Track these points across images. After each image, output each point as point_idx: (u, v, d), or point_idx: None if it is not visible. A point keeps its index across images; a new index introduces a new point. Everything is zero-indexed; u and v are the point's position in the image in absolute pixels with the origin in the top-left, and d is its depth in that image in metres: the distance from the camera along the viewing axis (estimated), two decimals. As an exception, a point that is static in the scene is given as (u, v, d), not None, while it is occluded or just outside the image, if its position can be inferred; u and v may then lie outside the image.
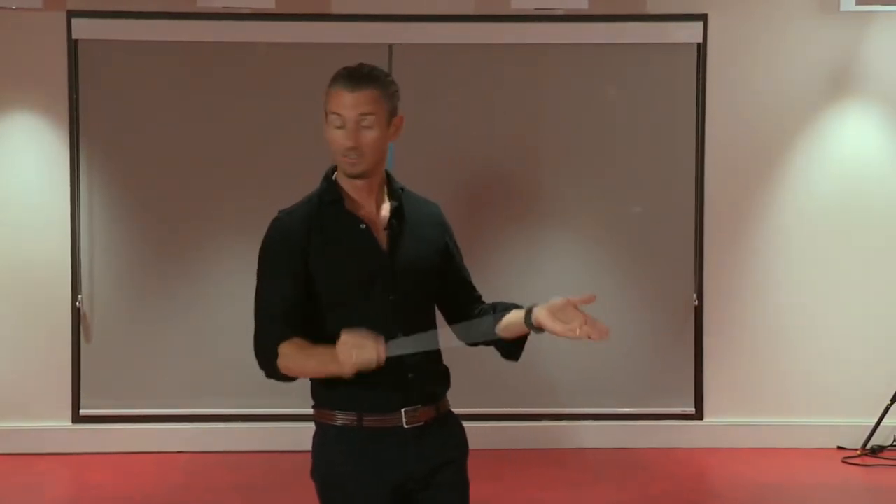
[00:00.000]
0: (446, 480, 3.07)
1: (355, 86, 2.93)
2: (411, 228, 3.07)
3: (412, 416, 3.01)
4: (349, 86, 2.93)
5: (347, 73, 2.96)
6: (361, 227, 3.02)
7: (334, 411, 3.02)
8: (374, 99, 2.95)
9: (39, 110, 6.68)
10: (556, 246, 6.77)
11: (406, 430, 3.01)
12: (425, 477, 3.04)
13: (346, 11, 6.70)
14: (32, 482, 6.19)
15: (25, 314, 6.71)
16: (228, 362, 6.72)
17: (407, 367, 2.99)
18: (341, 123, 2.95)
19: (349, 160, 2.96)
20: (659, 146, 6.84)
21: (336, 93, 2.95)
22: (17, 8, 6.54)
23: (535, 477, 6.28)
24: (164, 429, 6.74)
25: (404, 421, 3.01)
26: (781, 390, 6.85)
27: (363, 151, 2.95)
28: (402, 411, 3.01)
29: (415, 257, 3.04)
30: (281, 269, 2.98)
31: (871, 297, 6.83)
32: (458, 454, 3.12)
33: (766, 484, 6.16)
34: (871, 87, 6.78)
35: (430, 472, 3.04)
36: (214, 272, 6.78)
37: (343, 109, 2.94)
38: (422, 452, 3.03)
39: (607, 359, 6.78)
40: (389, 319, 2.98)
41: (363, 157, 2.96)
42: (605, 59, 6.81)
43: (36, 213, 6.71)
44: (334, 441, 3.03)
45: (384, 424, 3.00)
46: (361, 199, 3.04)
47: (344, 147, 2.95)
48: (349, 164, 2.97)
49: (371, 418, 2.99)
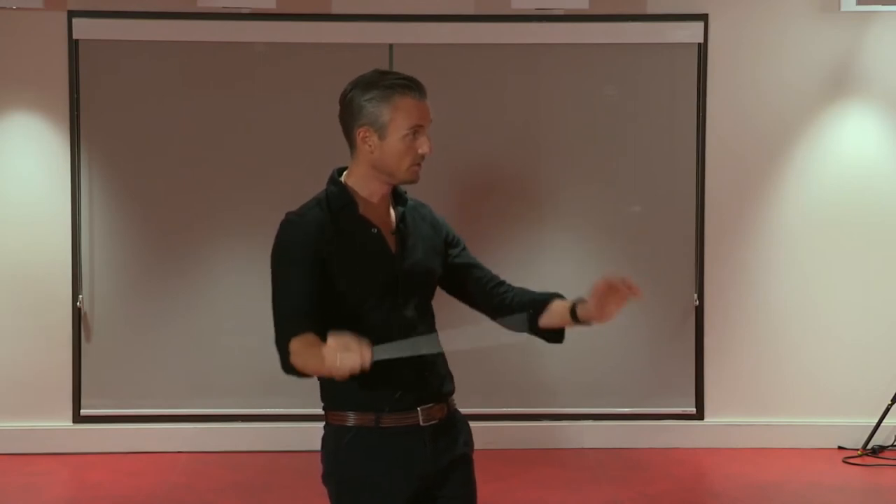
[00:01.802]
0: (460, 476, 3.13)
1: (424, 95, 3.02)
2: (415, 232, 3.13)
3: (428, 413, 3.06)
4: (422, 95, 3.02)
5: (416, 83, 3.03)
6: (373, 231, 3.06)
7: (348, 412, 3.04)
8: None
9: (39, 110, 6.68)
10: (556, 246, 6.77)
11: (423, 428, 3.06)
12: (442, 473, 3.09)
13: (346, 11, 6.70)
14: (32, 482, 6.19)
15: (26, 314, 6.71)
16: (228, 362, 6.73)
17: (424, 366, 3.04)
18: (413, 133, 3.01)
19: (416, 168, 3.04)
20: (659, 146, 6.84)
21: (413, 102, 3.01)
22: (18, 8, 6.54)
23: (535, 477, 6.28)
24: (164, 429, 6.74)
25: (421, 419, 3.05)
26: (782, 390, 6.85)
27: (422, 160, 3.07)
28: (418, 409, 3.05)
29: (421, 260, 3.10)
30: (296, 269, 2.98)
31: (871, 296, 6.83)
32: (468, 450, 3.19)
33: (766, 484, 6.16)
34: (872, 87, 6.78)
35: (446, 468, 3.10)
36: (215, 272, 6.78)
37: (422, 119, 3.01)
38: (437, 449, 3.08)
39: (607, 359, 6.79)
40: (400, 321, 3.03)
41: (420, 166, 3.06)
42: (605, 59, 6.81)
43: (36, 213, 6.71)
44: (352, 443, 3.04)
45: (403, 423, 3.03)
46: (376, 203, 3.08)
47: (423, 155, 3.03)
48: (415, 172, 3.05)
49: (390, 418, 3.02)
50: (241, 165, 6.75)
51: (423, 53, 6.71)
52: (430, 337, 3.03)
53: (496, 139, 6.78)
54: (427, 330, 3.09)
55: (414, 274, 3.07)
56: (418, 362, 3.01)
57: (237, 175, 6.77)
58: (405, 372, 2.99)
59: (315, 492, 3.12)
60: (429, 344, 3.01)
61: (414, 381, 3.04)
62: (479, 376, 6.45)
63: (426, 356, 3.03)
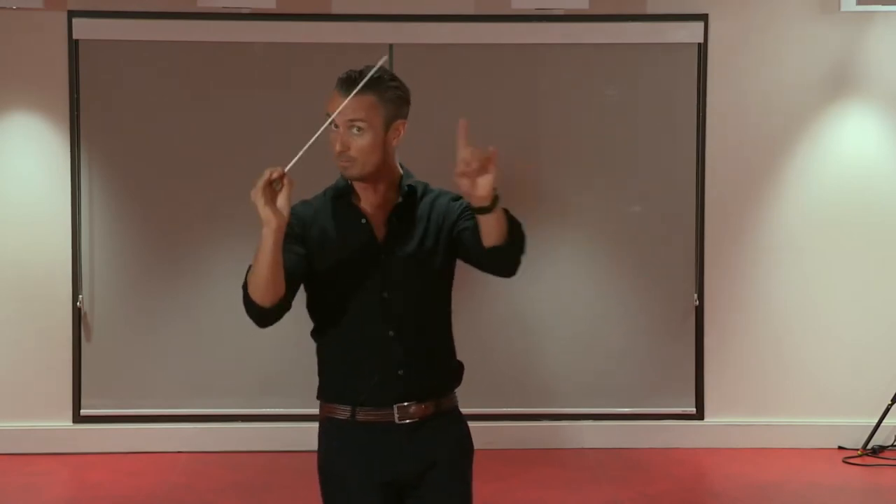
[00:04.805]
0: (437, 480, 3.06)
1: (348, 91, 2.95)
2: (417, 225, 3.08)
3: (405, 412, 3.02)
4: (343, 90, 2.97)
5: (345, 77, 2.99)
6: (362, 221, 3.05)
7: (333, 405, 3.06)
8: (367, 105, 2.97)
9: (39, 110, 6.68)
10: (556, 246, 6.77)
11: (398, 425, 3.02)
12: (417, 475, 3.04)
13: (346, 11, 6.70)
14: (32, 482, 6.19)
15: (26, 314, 6.71)
16: (228, 362, 6.73)
17: (396, 363, 3.01)
18: (334, 127, 2.99)
19: (340, 163, 3.02)
20: (659, 146, 6.84)
21: (332, 96, 3.00)
22: (18, 8, 6.55)
23: (535, 477, 6.28)
24: (164, 429, 6.74)
25: (396, 416, 3.02)
26: (782, 390, 6.85)
27: (353, 156, 3.00)
28: (394, 407, 3.02)
29: (411, 253, 3.04)
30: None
31: (871, 296, 6.83)
32: (452, 455, 3.10)
33: (766, 484, 6.16)
34: (872, 87, 6.78)
35: (422, 470, 3.04)
36: (215, 272, 6.78)
37: (334, 113, 2.97)
38: (414, 450, 3.03)
39: (607, 359, 6.79)
40: (381, 315, 3.01)
41: (354, 162, 3.00)
42: (605, 59, 6.81)
43: (36, 213, 6.71)
44: (332, 434, 3.07)
45: (376, 419, 3.02)
46: (367, 196, 3.07)
47: (334, 151, 3.01)
48: (341, 168, 3.03)
49: (364, 412, 3.02)
50: (241, 165, 6.74)
51: (423, 53, 6.72)
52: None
53: (496, 139, 6.73)
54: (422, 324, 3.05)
55: (400, 267, 3.02)
56: (390, 359, 3.00)
57: (237, 175, 6.76)
58: (384, 368, 2.99)
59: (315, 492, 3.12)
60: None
61: (387, 376, 3.01)
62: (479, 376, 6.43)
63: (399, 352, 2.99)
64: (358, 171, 3.01)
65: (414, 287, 3.04)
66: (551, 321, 6.71)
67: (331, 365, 3.09)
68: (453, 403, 3.13)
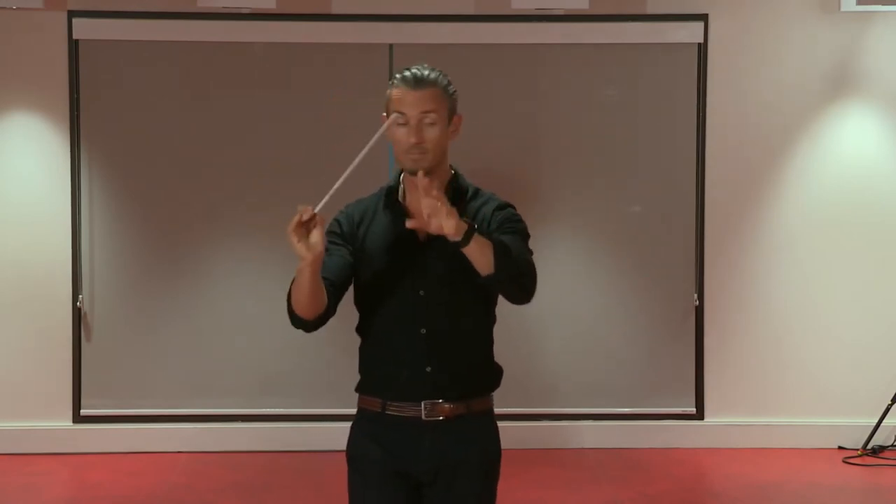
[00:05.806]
0: (453, 480, 3.09)
1: (417, 84, 3.06)
2: None
3: (431, 409, 3.07)
4: (412, 85, 3.06)
5: (410, 74, 3.10)
6: (406, 219, 3.04)
7: (367, 397, 3.14)
8: (436, 97, 3.08)
9: (39, 110, 6.69)
10: (556, 246, 6.78)
11: (425, 422, 3.07)
12: (435, 472, 3.08)
13: (346, 11, 6.70)
14: (32, 482, 6.19)
15: (26, 314, 6.71)
16: (228, 362, 6.73)
17: (425, 361, 3.06)
18: (405, 121, 3.04)
19: (412, 157, 3.03)
20: (659, 146, 6.84)
21: (399, 92, 3.07)
22: (18, 8, 6.55)
23: (535, 477, 6.28)
24: (164, 429, 6.74)
25: (423, 413, 3.06)
26: (782, 390, 6.85)
27: (426, 148, 3.04)
28: (422, 403, 3.07)
29: (452, 254, 2.96)
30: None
31: (871, 296, 6.83)
32: (472, 457, 3.11)
33: (766, 484, 6.16)
34: (872, 87, 6.78)
35: (441, 468, 3.08)
36: (215, 272, 6.78)
37: (406, 108, 3.04)
38: (435, 447, 3.07)
39: (607, 359, 6.79)
40: (415, 312, 3.06)
41: (426, 154, 3.04)
42: (605, 59, 6.81)
43: (36, 213, 6.72)
44: (362, 424, 3.15)
45: (403, 414, 3.07)
46: (416, 195, 3.03)
47: (408, 144, 3.02)
48: (412, 161, 3.04)
49: (394, 406, 3.08)
50: (241, 165, 6.76)
51: (423, 53, 6.70)
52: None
53: (496, 139, 6.78)
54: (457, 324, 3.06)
55: (438, 267, 3.04)
56: (428, 356, 3.04)
57: (237, 175, 6.77)
58: (413, 364, 3.04)
59: (315, 492, 3.13)
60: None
61: (416, 373, 3.05)
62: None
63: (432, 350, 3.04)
64: (429, 163, 3.04)
65: (451, 287, 3.07)
66: (551, 321, 6.71)
67: (368, 359, 3.16)
68: (486, 406, 3.16)
